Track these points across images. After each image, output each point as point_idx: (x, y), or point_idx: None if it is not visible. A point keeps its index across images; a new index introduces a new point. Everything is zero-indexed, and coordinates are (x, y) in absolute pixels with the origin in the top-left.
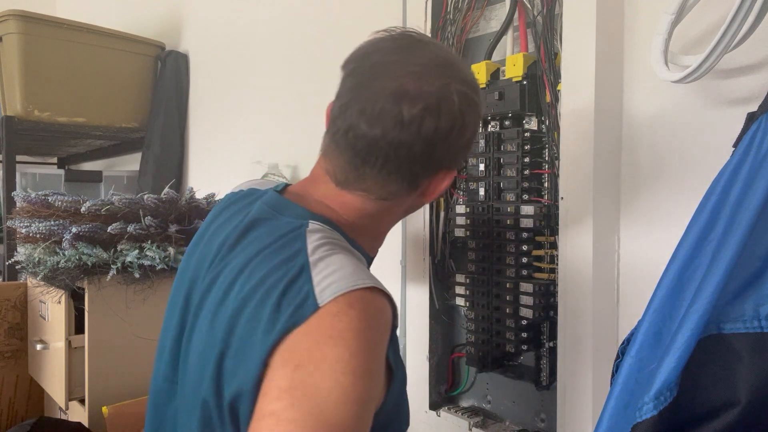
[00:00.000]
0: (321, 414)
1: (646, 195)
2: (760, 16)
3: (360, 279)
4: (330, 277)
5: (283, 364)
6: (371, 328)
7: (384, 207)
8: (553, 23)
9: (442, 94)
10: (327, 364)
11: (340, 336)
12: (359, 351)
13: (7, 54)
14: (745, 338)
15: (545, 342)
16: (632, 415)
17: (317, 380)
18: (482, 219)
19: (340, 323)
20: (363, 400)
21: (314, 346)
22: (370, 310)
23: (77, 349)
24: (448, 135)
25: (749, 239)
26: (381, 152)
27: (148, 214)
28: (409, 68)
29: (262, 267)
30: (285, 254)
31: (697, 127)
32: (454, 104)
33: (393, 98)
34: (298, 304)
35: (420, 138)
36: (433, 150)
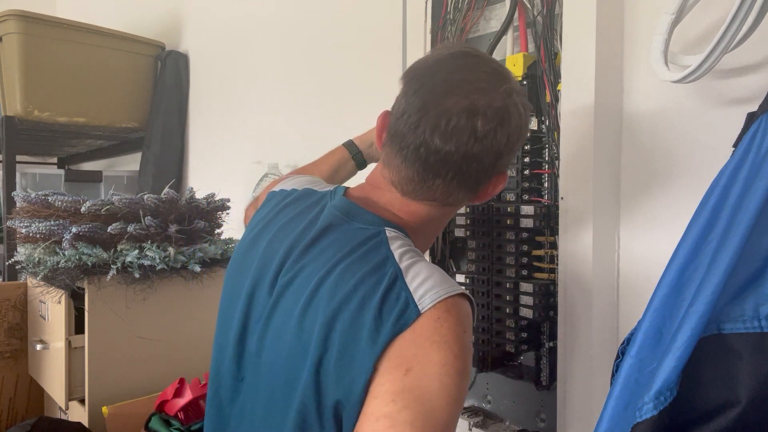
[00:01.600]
0: (432, 413)
1: (646, 195)
2: (760, 16)
3: (451, 286)
4: (425, 285)
5: (393, 368)
6: (467, 331)
7: (446, 212)
8: (553, 23)
9: (508, 107)
10: (434, 367)
11: (443, 340)
12: (460, 353)
13: (7, 54)
14: (745, 338)
15: (545, 342)
16: (632, 415)
17: (426, 383)
18: (482, 219)
19: (442, 328)
20: (462, 398)
21: (421, 351)
22: (464, 315)
23: (77, 349)
24: (515, 144)
25: (749, 239)
26: (454, 165)
27: (148, 214)
28: (476, 84)
29: (352, 273)
30: (374, 261)
31: (697, 127)
32: (520, 115)
33: (466, 115)
34: (400, 311)
35: (492, 150)
36: (499, 159)
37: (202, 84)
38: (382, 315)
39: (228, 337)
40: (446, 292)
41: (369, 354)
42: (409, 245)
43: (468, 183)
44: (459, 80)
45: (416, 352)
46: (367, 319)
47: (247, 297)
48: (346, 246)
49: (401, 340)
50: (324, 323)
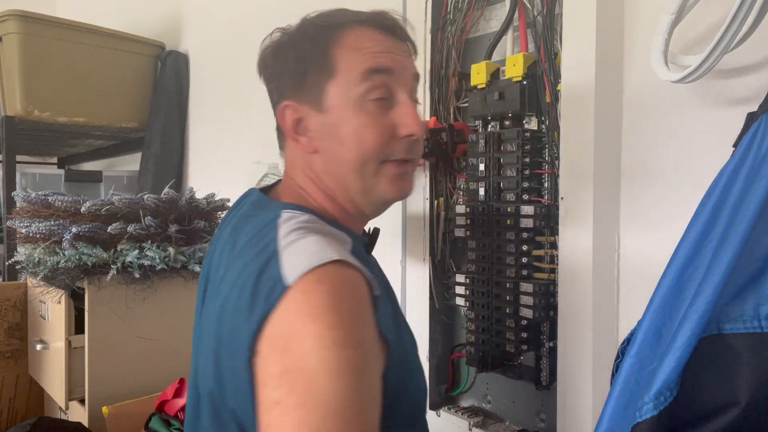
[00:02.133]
0: (319, 391)
1: (646, 195)
2: (760, 16)
3: (325, 254)
4: (296, 258)
5: (271, 350)
6: (345, 299)
7: (289, 155)
8: (553, 23)
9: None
10: (309, 341)
11: (316, 312)
12: (337, 323)
13: (7, 54)
14: (745, 338)
15: (545, 342)
16: (632, 415)
17: (305, 360)
18: (482, 219)
19: (312, 300)
20: (356, 369)
21: (294, 327)
22: (339, 283)
23: (77, 349)
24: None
25: (749, 239)
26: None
27: (148, 214)
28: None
29: (240, 261)
30: (259, 246)
31: (697, 127)
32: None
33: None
34: (270, 289)
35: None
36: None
37: (202, 84)
38: (256, 296)
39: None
40: (317, 260)
41: (246, 337)
42: (305, 222)
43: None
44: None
45: (290, 329)
46: (244, 303)
47: (201, 302)
48: (246, 237)
49: (273, 318)
50: (217, 314)
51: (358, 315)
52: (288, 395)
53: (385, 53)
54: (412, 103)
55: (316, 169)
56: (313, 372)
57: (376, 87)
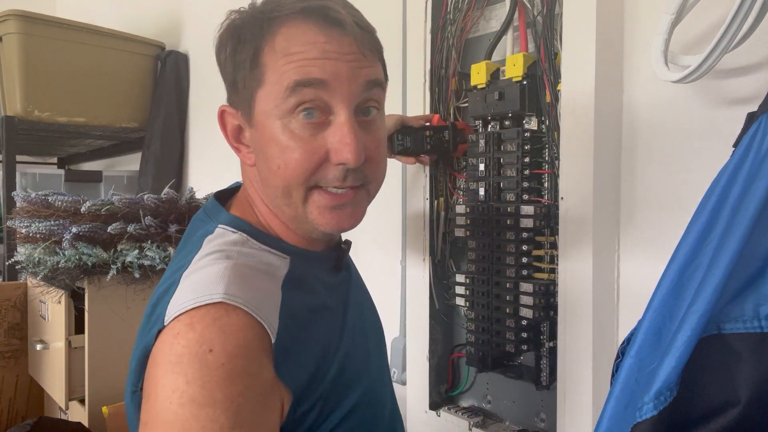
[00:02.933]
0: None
1: (646, 195)
2: (760, 16)
3: (207, 292)
4: (184, 293)
5: (143, 394)
6: (215, 350)
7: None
8: (553, 23)
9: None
10: (164, 394)
11: (177, 361)
12: (197, 377)
13: (7, 54)
14: (745, 338)
15: (545, 342)
16: (632, 415)
17: (158, 413)
18: (482, 219)
19: (177, 346)
20: (215, 430)
21: (156, 374)
22: (215, 330)
23: (77, 349)
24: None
25: (749, 239)
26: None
27: (148, 214)
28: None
29: (163, 276)
30: (175, 266)
31: (697, 127)
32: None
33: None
34: (152, 325)
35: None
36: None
37: (202, 84)
38: (144, 328)
39: None
40: (194, 301)
41: (131, 375)
42: (230, 244)
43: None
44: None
45: (153, 374)
46: (139, 336)
47: None
48: (179, 249)
49: (150, 359)
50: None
51: (230, 368)
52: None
53: (320, 60)
54: (351, 122)
55: (257, 184)
56: (167, 427)
57: (304, 102)
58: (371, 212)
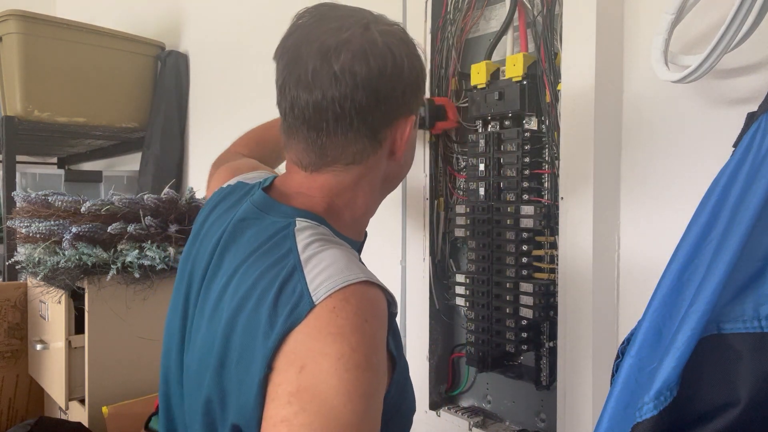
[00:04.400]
0: (331, 413)
1: (645, 195)
2: (760, 16)
3: (353, 273)
4: (323, 274)
5: (288, 366)
6: (369, 320)
7: (357, 175)
8: (553, 23)
9: (363, 37)
10: (329, 361)
11: (339, 332)
12: (359, 345)
13: (7, 54)
14: (745, 338)
15: (545, 342)
16: (632, 415)
17: (322, 379)
18: (482, 219)
19: (338, 319)
20: (369, 393)
21: (315, 345)
22: (366, 303)
23: (77, 349)
24: (384, 74)
25: (749, 239)
26: (328, 113)
27: (148, 214)
28: (329, 26)
29: (254, 269)
30: (276, 255)
31: (697, 127)
32: (378, 43)
33: (320, 57)
34: (294, 304)
35: (358, 86)
36: (377, 94)
37: (202, 84)
38: (277, 310)
39: (171, 345)
40: (344, 280)
41: (263, 352)
42: (322, 234)
43: (357, 129)
44: (312, 29)
45: (311, 346)
46: (263, 316)
47: (184, 301)
48: (256, 242)
49: (296, 334)
50: (225, 324)
51: (376, 337)
52: (297, 414)
53: None
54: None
55: (376, 182)
56: (330, 392)
57: None
58: None
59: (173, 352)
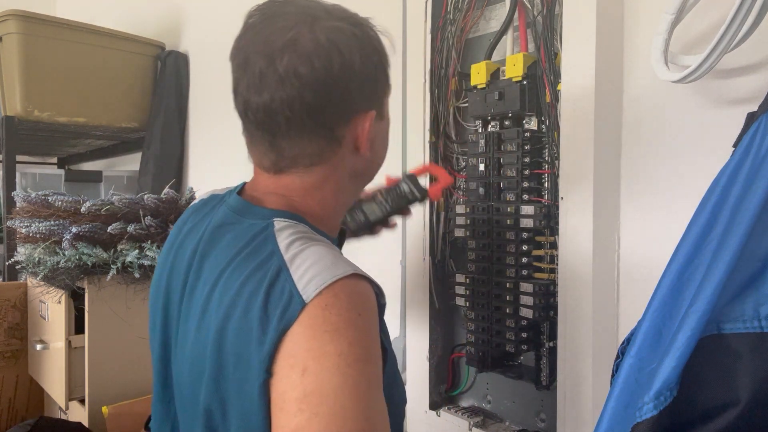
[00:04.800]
0: (342, 411)
1: (645, 195)
2: (760, 16)
3: (340, 268)
4: (309, 272)
5: (289, 370)
6: (362, 314)
7: (322, 175)
8: (553, 23)
9: (308, 36)
10: (331, 360)
11: (334, 329)
12: (357, 339)
13: (7, 54)
14: (745, 338)
15: (545, 342)
16: (632, 415)
17: (327, 379)
18: (482, 219)
19: (331, 316)
20: (374, 384)
21: (313, 345)
22: (356, 297)
23: (77, 349)
24: (331, 73)
25: (749, 239)
26: (279, 116)
27: (148, 214)
28: (276, 26)
29: (237, 275)
30: (259, 258)
31: (697, 127)
32: (322, 42)
33: (266, 59)
34: (285, 305)
35: (305, 86)
36: (326, 94)
37: (202, 84)
38: (268, 313)
39: (154, 361)
40: (333, 275)
41: (258, 357)
42: (302, 232)
43: (311, 129)
44: (260, 31)
45: (309, 347)
46: (253, 321)
47: (163, 314)
48: (235, 247)
49: (291, 336)
50: (216, 333)
51: (370, 329)
52: (310, 420)
53: None
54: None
55: (344, 179)
56: (338, 391)
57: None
58: None
59: (156, 370)
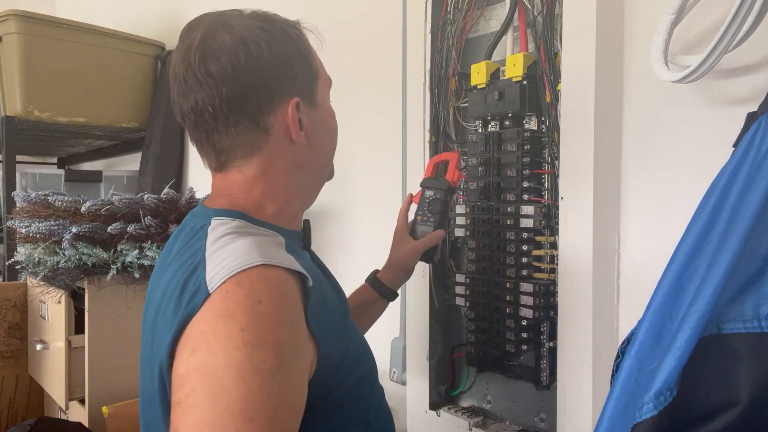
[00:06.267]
0: (221, 391)
1: (645, 195)
2: (760, 16)
3: (250, 258)
4: (221, 264)
5: (182, 350)
6: (263, 301)
7: (260, 166)
8: (553, 23)
9: (215, 38)
10: (218, 341)
11: (230, 314)
12: (250, 325)
13: (7, 54)
14: (745, 338)
15: (545, 342)
16: (632, 415)
17: (211, 359)
18: (482, 219)
19: (229, 303)
20: (264, 371)
21: (206, 328)
22: (261, 285)
23: (77, 349)
24: (239, 67)
25: (749, 239)
26: (206, 114)
27: (148, 214)
28: (193, 36)
29: (170, 272)
30: (187, 255)
31: (697, 127)
32: (227, 40)
33: (185, 65)
34: (192, 295)
35: (219, 83)
36: (241, 87)
37: None
38: (180, 303)
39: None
40: (240, 266)
41: (167, 343)
42: (236, 228)
43: (238, 124)
44: (182, 41)
45: (202, 329)
46: (169, 313)
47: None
48: (179, 248)
49: (192, 321)
50: (150, 325)
51: (277, 316)
52: (189, 395)
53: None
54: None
55: (288, 169)
56: (219, 372)
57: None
58: (371, 212)
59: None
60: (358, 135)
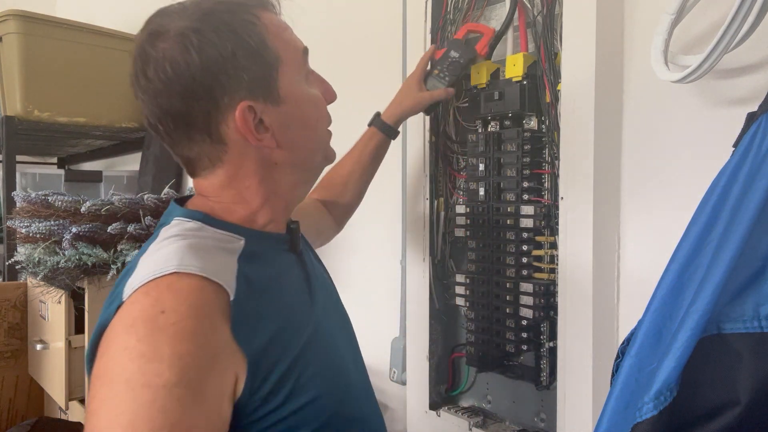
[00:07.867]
0: (112, 401)
1: (645, 195)
2: (760, 16)
3: (165, 265)
4: (144, 271)
5: (97, 356)
6: (167, 311)
7: (226, 173)
8: (553, 23)
9: (142, 39)
10: (116, 351)
11: (131, 324)
12: (147, 335)
13: (7, 54)
14: (745, 338)
15: (545, 342)
16: (632, 415)
17: (109, 368)
18: (482, 219)
19: (133, 312)
20: (158, 385)
21: (111, 336)
22: (169, 294)
23: (77, 349)
24: (168, 80)
25: (749, 239)
26: (161, 128)
27: (148, 214)
28: (133, 52)
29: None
30: (138, 256)
31: (697, 127)
32: (151, 54)
33: (130, 77)
34: (111, 301)
35: (154, 98)
36: (181, 99)
37: None
38: (105, 308)
39: None
40: (152, 274)
41: (88, 348)
42: (187, 230)
43: (191, 134)
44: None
45: (108, 337)
46: (102, 318)
47: None
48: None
49: (107, 329)
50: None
51: (180, 327)
52: (91, 400)
53: (291, 30)
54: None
55: (260, 172)
56: (114, 381)
57: (307, 62)
58: (371, 212)
59: None
60: (358, 135)
